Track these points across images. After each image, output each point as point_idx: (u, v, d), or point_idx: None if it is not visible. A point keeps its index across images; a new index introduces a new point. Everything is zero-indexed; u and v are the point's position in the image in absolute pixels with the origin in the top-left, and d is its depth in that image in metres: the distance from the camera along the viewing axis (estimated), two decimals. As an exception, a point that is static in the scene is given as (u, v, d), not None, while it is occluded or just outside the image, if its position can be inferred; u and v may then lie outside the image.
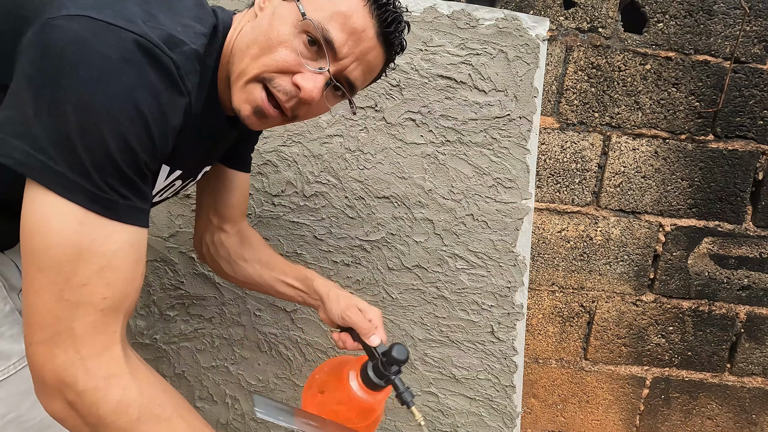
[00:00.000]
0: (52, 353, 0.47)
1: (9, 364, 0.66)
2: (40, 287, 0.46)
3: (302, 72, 0.60)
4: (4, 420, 0.65)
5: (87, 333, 0.48)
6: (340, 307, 0.81)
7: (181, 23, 0.55)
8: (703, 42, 1.24)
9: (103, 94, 0.45)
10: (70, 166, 0.45)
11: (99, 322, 0.49)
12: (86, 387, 0.48)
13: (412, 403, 0.72)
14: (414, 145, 1.19)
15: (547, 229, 1.32)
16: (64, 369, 0.47)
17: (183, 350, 1.26)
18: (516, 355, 1.28)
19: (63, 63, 0.45)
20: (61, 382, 0.47)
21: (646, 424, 1.47)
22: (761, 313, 1.40)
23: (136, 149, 0.48)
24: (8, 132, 0.45)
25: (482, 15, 1.15)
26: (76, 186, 0.46)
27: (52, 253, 0.46)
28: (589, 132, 1.28)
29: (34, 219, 0.46)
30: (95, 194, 0.47)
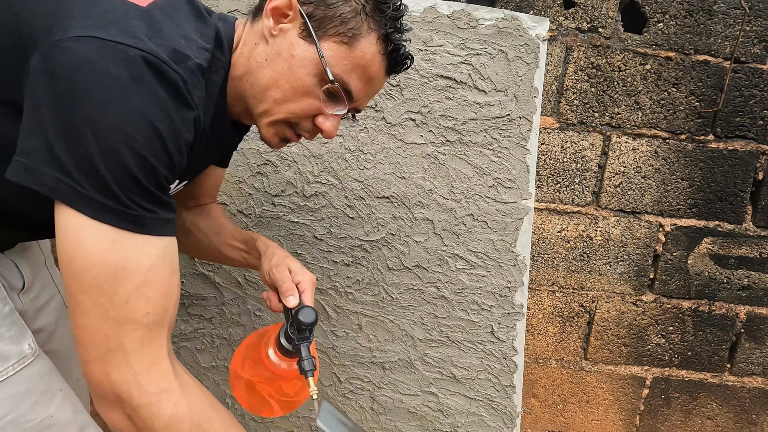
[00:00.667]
0: (106, 370, 0.50)
1: (8, 366, 0.65)
2: (86, 308, 0.48)
3: (323, 114, 0.66)
4: (4, 421, 0.65)
5: (136, 349, 0.50)
6: (270, 264, 0.77)
7: (184, 36, 0.56)
8: (703, 42, 1.24)
9: (118, 115, 0.47)
10: (95, 188, 0.47)
11: (146, 337, 0.51)
12: (140, 402, 0.50)
13: (310, 374, 0.67)
14: (414, 145, 1.19)
15: (547, 229, 1.32)
16: (119, 385, 0.50)
17: (183, 350, 1.26)
18: (516, 355, 1.28)
19: (75, 87, 0.46)
20: (118, 397, 0.50)
21: (646, 424, 1.47)
22: (761, 313, 1.40)
23: (155, 165, 0.50)
24: (37, 161, 0.46)
25: (482, 15, 1.15)
26: (103, 207, 0.47)
27: (91, 275, 0.48)
28: (589, 132, 1.28)
29: (70, 243, 0.48)
30: (123, 212, 0.48)
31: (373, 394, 1.29)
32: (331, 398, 1.29)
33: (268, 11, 0.62)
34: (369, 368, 1.28)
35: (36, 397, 0.67)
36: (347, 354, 1.27)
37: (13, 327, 0.68)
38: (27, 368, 0.67)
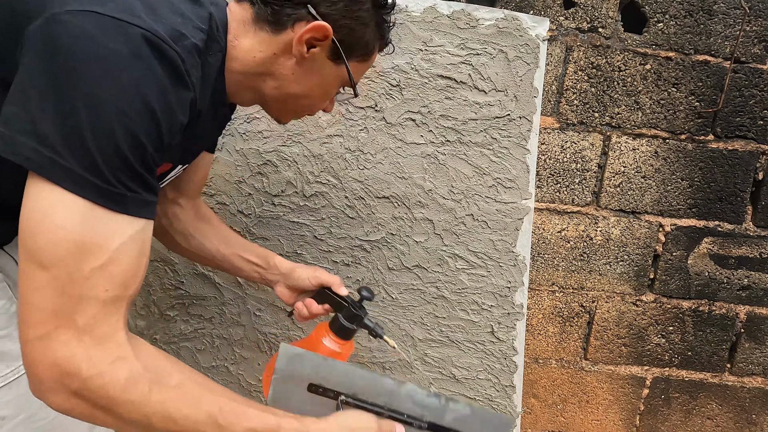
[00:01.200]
0: (50, 348, 0.46)
1: (18, 365, 0.64)
2: (40, 284, 0.46)
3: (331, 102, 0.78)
4: (15, 421, 0.64)
5: (89, 325, 0.48)
6: (308, 272, 0.90)
7: (180, 14, 0.55)
8: (703, 42, 1.24)
9: (114, 91, 0.46)
10: (79, 162, 0.45)
11: (101, 313, 0.49)
12: (90, 373, 0.47)
13: (384, 332, 0.88)
14: (414, 145, 1.19)
15: (547, 229, 1.32)
16: (66, 360, 0.47)
17: (183, 350, 1.26)
18: (516, 355, 1.28)
19: (72, 60, 0.45)
20: (62, 374, 0.47)
21: (646, 424, 1.47)
22: (761, 313, 1.40)
23: (146, 145, 0.49)
24: (15, 129, 0.45)
25: (482, 15, 1.15)
26: (85, 182, 0.46)
27: (55, 249, 0.45)
28: (589, 132, 1.28)
29: (38, 215, 0.46)
30: (104, 189, 0.47)
31: (373, 394, 1.29)
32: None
33: (303, 40, 0.64)
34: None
35: None
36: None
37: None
38: None
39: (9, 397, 0.62)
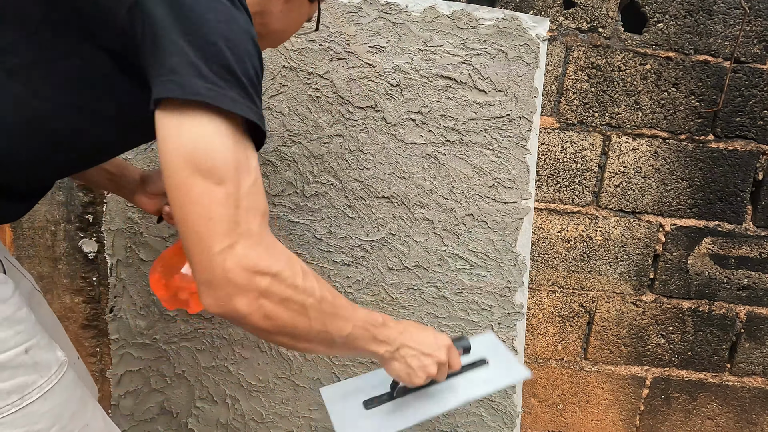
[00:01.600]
0: (240, 255, 0.51)
1: (50, 374, 0.64)
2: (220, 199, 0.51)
3: None
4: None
5: (260, 233, 0.53)
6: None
7: None
8: (703, 42, 1.24)
9: (239, 31, 0.53)
10: (236, 90, 0.52)
11: (264, 223, 0.55)
12: (278, 269, 0.54)
13: None
14: (414, 145, 1.19)
15: (547, 229, 1.32)
16: (256, 263, 0.52)
17: (183, 350, 1.26)
18: (516, 355, 1.28)
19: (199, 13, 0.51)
20: (254, 275, 0.52)
21: (646, 424, 1.47)
22: (761, 313, 1.40)
23: (260, 74, 0.57)
24: (185, 74, 0.50)
25: (482, 15, 1.15)
26: (242, 104, 0.52)
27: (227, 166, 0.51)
28: (589, 132, 1.28)
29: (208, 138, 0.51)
30: (255, 111, 0.54)
31: (373, 394, 1.29)
32: (331, 398, 1.29)
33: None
34: (369, 368, 1.28)
35: (75, 406, 0.66)
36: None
37: (44, 334, 0.66)
38: (65, 375, 0.66)
39: (45, 409, 0.62)
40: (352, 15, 1.13)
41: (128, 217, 1.19)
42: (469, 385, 0.81)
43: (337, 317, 0.61)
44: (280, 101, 1.15)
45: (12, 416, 0.59)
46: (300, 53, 1.14)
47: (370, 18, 1.13)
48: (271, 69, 1.13)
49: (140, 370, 1.26)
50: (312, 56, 1.14)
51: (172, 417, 1.29)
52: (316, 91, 1.15)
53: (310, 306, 0.57)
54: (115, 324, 1.24)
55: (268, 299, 0.54)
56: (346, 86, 1.15)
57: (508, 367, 0.85)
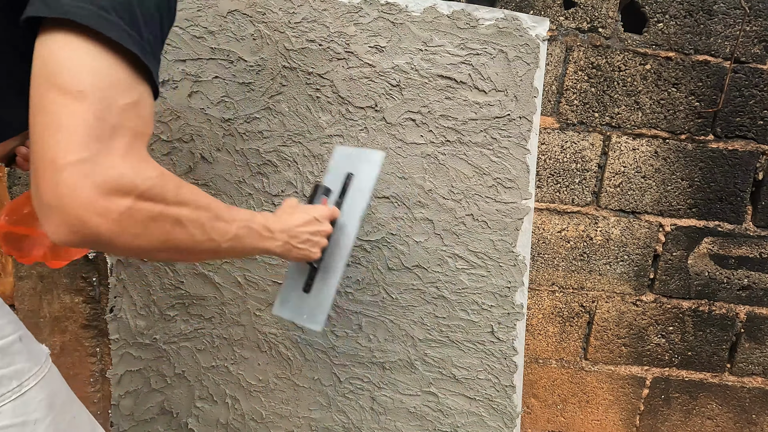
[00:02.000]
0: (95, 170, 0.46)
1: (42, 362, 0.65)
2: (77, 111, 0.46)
3: None
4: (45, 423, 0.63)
5: (128, 149, 0.49)
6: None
7: None
8: (703, 42, 1.24)
9: None
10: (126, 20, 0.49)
11: (136, 142, 0.50)
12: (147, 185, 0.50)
13: None
14: (414, 145, 1.19)
15: (547, 229, 1.32)
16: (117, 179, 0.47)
17: (183, 350, 1.26)
18: (516, 355, 1.28)
19: None
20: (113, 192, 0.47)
21: (646, 424, 1.47)
22: (761, 313, 1.40)
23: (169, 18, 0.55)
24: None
25: (482, 15, 1.15)
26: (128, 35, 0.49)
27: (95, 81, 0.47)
28: (589, 132, 1.28)
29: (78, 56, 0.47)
30: (141, 43, 0.51)
31: (373, 394, 1.29)
32: (331, 398, 1.29)
33: None
34: (369, 368, 1.28)
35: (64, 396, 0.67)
36: (347, 354, 1.27)
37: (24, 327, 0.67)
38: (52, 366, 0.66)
39: (40, 397, 0.62)
40: (352, 15, 1.13)
41: (128, 217, 1.19)
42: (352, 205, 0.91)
43: (219, 220, 0.60)
44: (280, 101, 1.15)
45: (12, 403, 0.59)
46: (300, 53, 1.14)
47: (370, 18, 1.13)
48: (271, 69, 1.13)
49: (140, 370, 1.26)
50: (312, 56, 1.14)
51: (172, 417, 1.30)
52: (316, 91, 1.15)
53: (185, 217, 0.55)
54: (115, 324, 1.24)
55: (134, 218, 0.49)
56: (346, 86, 1.15)
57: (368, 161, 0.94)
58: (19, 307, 1.22)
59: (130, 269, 1.21)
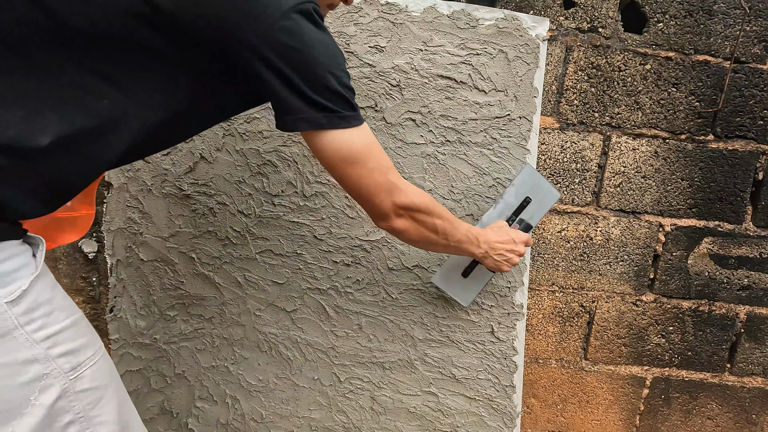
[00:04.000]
0: (393, 199, 0.80)
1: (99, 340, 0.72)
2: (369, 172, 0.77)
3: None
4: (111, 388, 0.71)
5: (398, 181, 0.80)
6: None
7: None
8: (703, 42, 1.24)
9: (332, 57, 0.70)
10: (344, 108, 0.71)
11: (395, 172, 0.81)
12: (421, 201, 0.84)
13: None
14: (414, 145, 1.19)
15: (547, 229, 1.32)
16: (406, 203, 0.81)
17: (183, 350, 1.26)
18: (516, 355, 1.28)
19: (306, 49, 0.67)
20: (404, 208, 0.81)
21: (646, 424, 1.47)
22: (761, 313, 1.40)
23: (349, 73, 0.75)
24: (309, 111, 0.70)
25: (482, 15, 1.15)
26: (352, 116, 0.73)
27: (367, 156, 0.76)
28: (589, 132, 1.28)
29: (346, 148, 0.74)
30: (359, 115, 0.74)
31: (373, 394, 1.29)
32: (331, 398, 1.29)
33: None
34: (369, 368, 1.28)
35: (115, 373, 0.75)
36: (347, 354, 1.27)
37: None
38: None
39: (107, 366, 0.72)
40: (352, 15, 1.13)
41: (128, 217, 1.19)
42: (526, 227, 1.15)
43: (453, 227, 0.91)
44: (280, 101, 1.15)
45: (90, 369, 0.68)
46: (300, 53, 1.14)
47: (370, 18, 1.13)
48: (271, 69, 1.13)
49: (140, 370, 1.26)
50: (312, 56, 1.14)
51: (172, 417, 1.30)
52: (316, 91, 1.15)
53: (438, 225, 0.87)
54: (115, 324, 1.24)
55: (416, 222, 0.84)
56: (346, 86, 1.15)
57: (544, 193, 1.15)
58: (19, 307, 1.22)
59: (130, 269, 1.21)
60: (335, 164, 0.75)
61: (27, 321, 0.61)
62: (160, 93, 0.66)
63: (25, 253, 0.63)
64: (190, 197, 1.19)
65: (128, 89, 0.63)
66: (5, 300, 0.59)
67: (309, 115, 0.69)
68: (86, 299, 1.25)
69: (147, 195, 1.18)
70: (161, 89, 0.66)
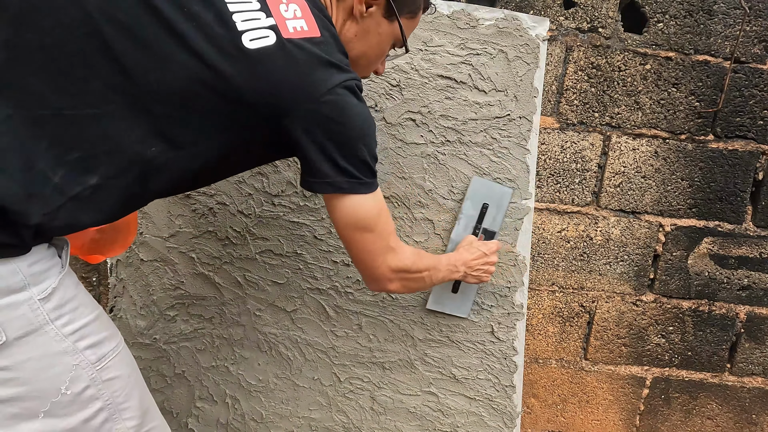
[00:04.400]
0: (389, 264, 0.85)
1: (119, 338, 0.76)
2: (373, 239, 0.82)
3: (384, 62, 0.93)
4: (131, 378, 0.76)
5: (397, 245, 0.86)
6: None
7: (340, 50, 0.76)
8: (703, 42, 1.24)
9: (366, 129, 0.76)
10: (368, 176, 0.77)
11: (395, 237, 0.87)
12: (414, 265, 0.90)
13: None
14: (414, 145, 1.19)
15: (547, 229, 1.32)
16: (399, 265, 0.87)
17: (183, 350, 1.26)
18: (516, 355, 1.28)
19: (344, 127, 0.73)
20: (399, 271, 0.87)
21: (646, 424, 1.47)
22: (761, 313, 1.40)
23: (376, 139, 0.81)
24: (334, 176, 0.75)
25: (482, 15, 1.15)
26: (372, 184, 0.79)
27: (375, 222, 0.81)
28: (589, 132, 1.28)
29: (361, 213, 0.79)
30: (376, 182, 0.80)
31: (373, 394, 1.29)
32: (331, 398, 1.29)
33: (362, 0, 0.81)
34: (369, 368, 1.28)
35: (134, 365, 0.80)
36: (347, 354, 1.27)
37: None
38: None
39: (128, 357, 0.77)
40: (352, 15, 1.13)
41: (128, 217, 1.19)
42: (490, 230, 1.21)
43: (437, 272, 0.98)
44: (280, 101, 1.15)
45: (115, 359, 0.72)
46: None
47: (370, 18, 1.13)
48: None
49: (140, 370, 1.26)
50: (312, 56, 1.14)
51: (172, 417, 1.30)
52: (316, 91, 1.15)
53: (425, 276, 0.95)
54: (115, 324, 1.24)
55: (405, 282, 0.90)
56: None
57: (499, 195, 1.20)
58: (19, 307, 1.22)
59: (130, 269, 1.21)
60: (346, 226, 0.80)
61: (57, 316, 0.65)
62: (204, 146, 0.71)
63: (53, 254, 0.68)
64: (190, 197, 1.19)
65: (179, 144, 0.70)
66: (38, 297, 0.63)
67: (333, 180, 0.75)
68: (86, 299, 1.25)
69: (147, 195, 1.18)
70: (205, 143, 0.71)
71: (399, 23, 0.82)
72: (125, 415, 0.73)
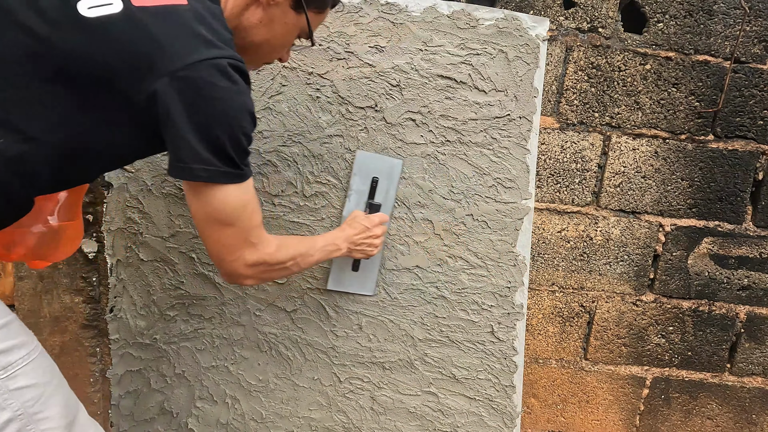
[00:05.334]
0: (245, 259, 0.79)
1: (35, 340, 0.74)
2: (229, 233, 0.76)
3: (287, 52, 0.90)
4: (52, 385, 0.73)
5: (257, 240, 0.80)
6: None
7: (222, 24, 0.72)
8: (703, 42, 1.24)
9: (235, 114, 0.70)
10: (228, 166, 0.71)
11: (258, 231, 0.80)
12: (272, 259, 0.83)
13: None
14: (414, 145, 1.19)
15: (547, 229, 1.32)
16: (256, 260, 0.81)
17: (183, 350, 1.26)
18: (516, 355, 1.28)
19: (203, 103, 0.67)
20: (255, 266, 0.81)
21: (646, 424, 1.47)
22: (761, 313, 1.40)
23: (251, 137, 0.74)
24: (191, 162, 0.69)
25: (482, 15, 1.15)
26: (233, 174, 0.72)
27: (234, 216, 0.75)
28: (589, 132, 1.28)
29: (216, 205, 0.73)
30: (241, 174, 0.73)
31: (373, 394, 1.29)
32: (331, 398, 1.29)
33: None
34: (369, 368, 1.28)
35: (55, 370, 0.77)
36: (347, 354, 1.27)
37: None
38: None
39: (46, 364, 0.74)
40: (352, 15, 1.13)
41: (128, 217, 1.19)
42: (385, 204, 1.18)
43: (306, 257, 0.93)
44: (280, 101, 1.15)
45: (27, 367, 0.70)
46: (300, 53, 1.14)
47: (370, 18, 1.13)
48: (271, 69, 1.13)
49: (140, 370, 1.26)
50: (312, 56, 1.14)
51: (172, 417, 1.29)
52: (316, 91, 1.15)
53: (290, 265, 0.89)
54: (115, 324, 1.24)
55: (264, 275, 0.85)
56: (346, 86, 1.15)
57: (389, 167, 1.17)
58: (19, 307, 1.22)
59: (130, 269, 1.21)
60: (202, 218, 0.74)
61: None
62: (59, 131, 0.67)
63: None
64: (190, 197, 1.19)
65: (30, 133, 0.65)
66: None
67: (190, 166, 0.69)
68: (86, 299, 1.25)
69: (147, 195, 1.18)
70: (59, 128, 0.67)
71: (306, 16, 0.79)
72: (42, 426, 0.70)
